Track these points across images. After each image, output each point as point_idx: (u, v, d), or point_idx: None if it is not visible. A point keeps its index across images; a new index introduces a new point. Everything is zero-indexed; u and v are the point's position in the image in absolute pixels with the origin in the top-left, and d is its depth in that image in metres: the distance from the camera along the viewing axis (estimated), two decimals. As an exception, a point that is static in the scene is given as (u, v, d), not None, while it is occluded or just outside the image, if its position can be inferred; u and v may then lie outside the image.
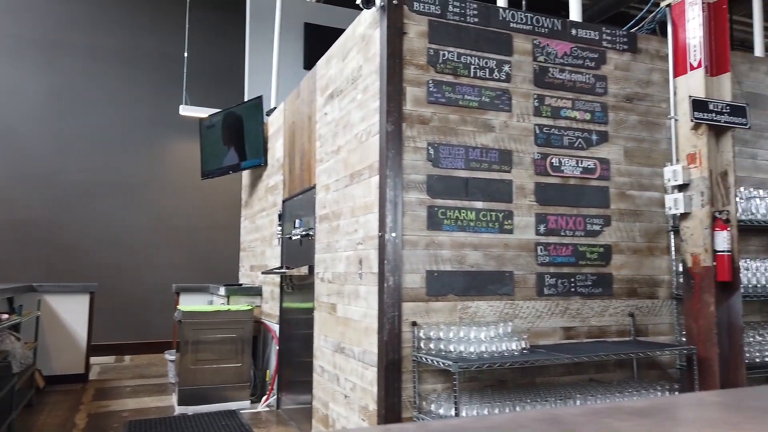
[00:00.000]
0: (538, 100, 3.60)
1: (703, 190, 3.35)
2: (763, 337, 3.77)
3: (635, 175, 3.81)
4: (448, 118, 3.39)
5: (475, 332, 3.05)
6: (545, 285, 3.51)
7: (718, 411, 0.47)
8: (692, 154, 3.41)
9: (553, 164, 3.60)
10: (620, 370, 3.62)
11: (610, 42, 3.80)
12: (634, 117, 3.84)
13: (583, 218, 3.64)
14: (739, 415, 0.46)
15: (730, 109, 3.37)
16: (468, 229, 3.37)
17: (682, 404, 0.48)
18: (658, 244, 3.82)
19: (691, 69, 3.43)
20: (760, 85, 4.24)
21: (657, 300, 3.77)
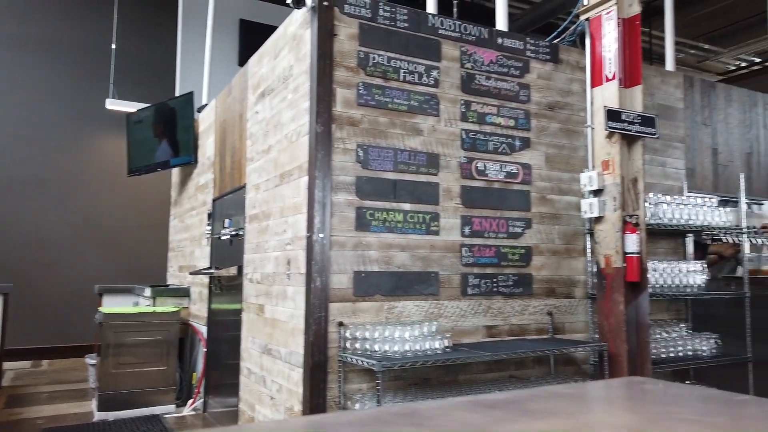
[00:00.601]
0: (465, 105, 3.71)
1: (616, 196, 3.56)
2: (669, 334, 4.04)
3: (555, 180, 3.99)
4: (378, 120, 3.44)
5: (399, 332, 3.11)
6: (469, 285, 3.62)
7: (563, 402, 0.52)
8: (606, 161, 3.61)
9: (479, 168, 3.72)
10: (539, 367, 3.78)
11: (534, 52, 3.96)
12: (555, 124, 4.02)
13: (506, 221, 3.78)
14: (580, 406, 0.51)
15: (641, 120, 3.59)
16: (396, 231, 3.43)
17: (534, 396, 0.52)
18: (575, 246, 4.01)
19: (606, 81, 3.63)
20: (670, 98, 4.54)
21: (573, 299, 3.96)
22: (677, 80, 4.61)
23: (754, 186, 4.92)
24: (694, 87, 4.70)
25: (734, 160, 4.82)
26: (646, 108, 4.35)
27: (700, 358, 3.99)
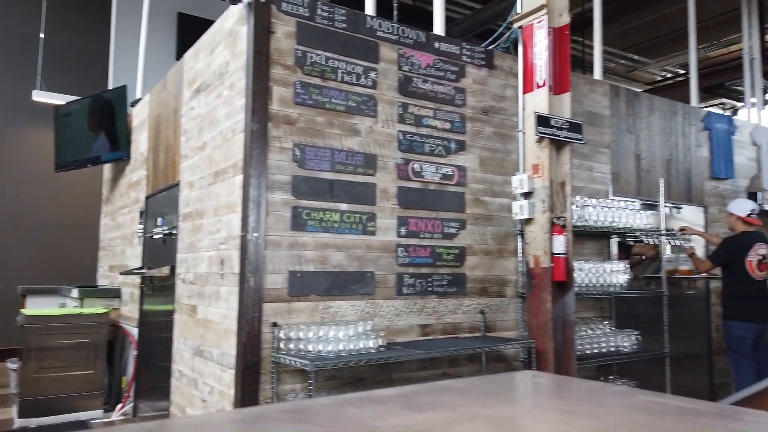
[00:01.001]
0: (402, 107, 3.76)
1: (545, 198, 3.70)
2: (594, 331, 4.23)
3: (489, 183, 4.10)
4: (315, 120, 3.43)
5: (334, 332, 3.12)
6: (404, 285, 3.67)
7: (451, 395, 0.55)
8: (537, 165, 3.75)
9: (415, 169, 3.78)
10: (471, 364, 3.87)
11: (470, 57, 4.07)
12: (489, 128, 4.14)
13: (441, 221, 3.85)
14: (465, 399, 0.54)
15: (569, 126, 3.75)
16: (332, 230, 3.43)
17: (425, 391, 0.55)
18: (507, 246, 4.14)
19: (537, 87, 3.77)
20: (597, 105, 4.76)
21: (505, 298, 4.09)
22: (604, 89, 4.84)
23: (674, 191, 5.22)
24: (619, 96, 4.94)
25: (655, 166, 5.10)
26: (575, 114, 4.54)
27: (622, 353, 4.21)
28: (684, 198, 5.30)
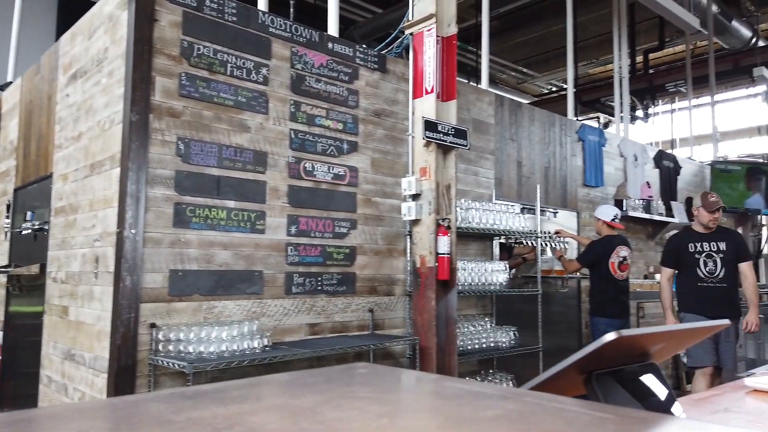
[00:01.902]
0: (295, 106, 3.75)
1: (431, 200, 3.85)
2: (475, 327, 4.46)
3: (380, 184, 4.19)
4: (202, 114, 3.33)
5: (217, 332, 3.04)
6: (294, 284, 3.66)
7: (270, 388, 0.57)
8: (424, 168, 3.89)
9: (307, 169, 3.78)
10: (359, 361, 3.94)
11: (363, 60, 4.13)
12: (381, 131, 4.23)
13: (332, 221, 3.88)
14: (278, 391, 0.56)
15: (454, 132, 3.93)
16: (218, 228, 3.35)
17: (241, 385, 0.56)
18: (397, 246, 4.26)
19: (426, 93, 3.91)
20: (483, 113, 5.02)
21: (393, 297, 4.20)
22: (490, 98, 5.12)
23: (551, 196, 5.63)
24: (504, 106, 5.25)
25: (535, 173, 5.47)
26: (463, 121, 4.77)
27: (500, 348, 4.47)
28: (560, 203, 5.73)
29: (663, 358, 0.81)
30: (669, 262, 4.38)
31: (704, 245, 4.23)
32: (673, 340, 0.73)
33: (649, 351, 0.74)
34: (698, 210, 4.29)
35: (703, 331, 0.81)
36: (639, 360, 0.74)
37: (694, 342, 0.76)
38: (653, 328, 0.66)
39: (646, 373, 0.73)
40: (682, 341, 0.82)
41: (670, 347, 0.80)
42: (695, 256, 4.25)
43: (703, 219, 4.25)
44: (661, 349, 0.76)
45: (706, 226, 4.25)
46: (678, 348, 0.86)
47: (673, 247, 4.39)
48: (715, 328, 0.79)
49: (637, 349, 0.69)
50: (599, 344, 0.58)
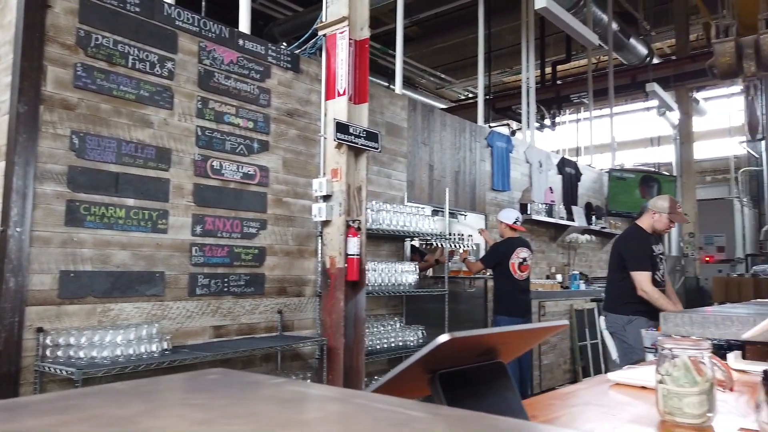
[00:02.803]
0: (202, 102, 3.65)
1: (342, 202, 3.87)
2: (385, 327, 4.53)
3: (291, 184, 4.17)
4: (100, 107, 3.17)
5: (111, 335, 2.91)
6: (198, 285, 3.56)
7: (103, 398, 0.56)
8: (335, 169, 3.91)
9: (214, 167, 3.69)
10: (266, 364, 3.89)
11: (276, 59, 4.09)
12: (293, 131, 4.20)
13: (240, 221, 3.81)
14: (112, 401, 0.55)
15: (366, 134, 3.97)
16: (116, 227, 3.20)
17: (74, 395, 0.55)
18: (308, 247, 4.25)
19: (338, 95, 3.93)
20: (396, 117, 5.12)
21: (304, 298, 4.19)
22: (403, 102, 5.22)
23: (460, 199, 5.82)
24: (416, 110, 5.37)
25: (446, 176, 5.64)
26: (377, 124, 4.84)
27: (408, 347, 4.57)
28: (469, 206, 5.94)
29: (512, 356, 0.87)
30: (648, 265, 3.79)
31: (657, 248, 3.94)
32: (516, 340, 0.79)
33: (496, 350, 0.80)
34: (659, 214, 3.84)
35: (543, 332, 0.88)
36: (486, 359, 0.79)
37: (538, 342, 0.82)
38: (485, 330, 0.71)
39: (491, 371, 0.79)
40: (526, 341, 0.89)
41: (518, 346, 0.86)
42: (656, 259, 3.90)
43: (661, 225, 3.85)
44: (509, 348, 0.82)
45: (658, 231, 3.90)
46: (525, 347, 0.92)
47: (647, 249, 3.85)
48: (556, 328, 0.86)
49: (480, 348, 0.74)
50: (434, 346, 0.62)
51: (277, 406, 0.51)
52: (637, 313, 3.77)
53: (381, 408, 0.51)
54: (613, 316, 3.94)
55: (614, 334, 3.95)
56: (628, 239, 4.02)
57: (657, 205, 3.80)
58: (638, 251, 3.83)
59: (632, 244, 3.91)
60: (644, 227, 3.91)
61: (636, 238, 3.94)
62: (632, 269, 3.78)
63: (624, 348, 3.84)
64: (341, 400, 0.54)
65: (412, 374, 0.68)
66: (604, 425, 1.14)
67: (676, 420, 1.14)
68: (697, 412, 1.13)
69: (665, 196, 3.93)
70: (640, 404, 1.31)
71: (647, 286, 3.70)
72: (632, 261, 3.81)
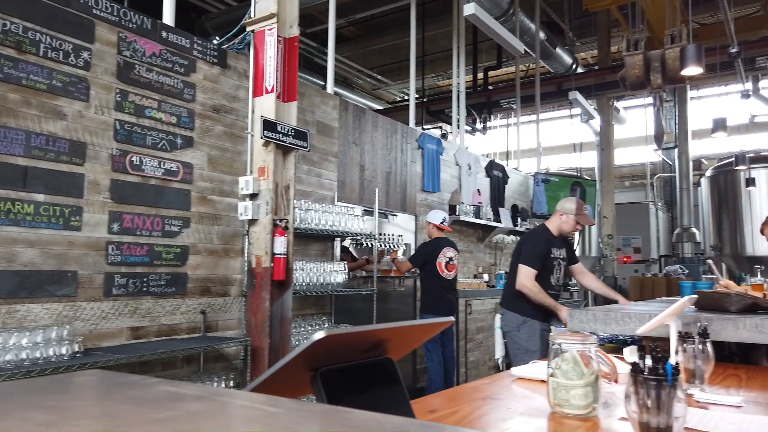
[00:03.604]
0: (121, 95, 3.51)
1: (269, 200, 3.83)
2: (312, 327, 4.51)
3: (217, 182, 4.08)
4: (7, 96, 2.98)
5: (16, 338, 2.74)
6: (114, 285, 3.42)
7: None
8: (263, 168, 3.86)
9: (134, 162, 3.56)
10: (188, 366, 3.79)
11: (201, 53, 3.99)
12: (220, 127, 4.11)
13: (161, 219, 3.69)
14: None
15: (294, 133, 3.95)
16: (24, 224, 3.02)
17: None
18: (234, 246, 4.17)
19: (266, 92, 3.88)
20: (327, 117, 5.11)
21: (229, 298, 4.11)
22: (335, 102, 5.22)
23: (391, 200, 5.89)
24: (348, 110, 5.39)
25: (377, 177, 5.69)
26: (307, 123, 4.82)
27: (336, 346, 4.57)
28: (399, 207, 6.01)
29: (402, 352, 0.90)
30: (537, 264, 3.76)
31: (559, 251, 3.92)
32: (400, 337, 0.82)
33: (383, 347, 0.82)
34: (566, 215, 3.83)
35: (429, 328, 0.91)
36: (373, 355, 0.81)
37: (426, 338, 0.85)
38: (365, 327, 0.73)
39: (378, 368, 0.81)
40: (412, 337, 0.92)
41: (405, 343, 0.89)
42: (553, 262, 3.88)
43: (568, 226, 3.83)
44: (396, 344, 0.85)
45: (565, 232, 3.89)
46: (414, 343, 0.95)
47: (545, 249, 3.83)
48: (442, 325, 0.89)
49: (364, 345, 0.76)
50: (309, 343, 0.64)
51: (135, 407, 0.50)
52: (531, 314, 3.79)
53: (242, 405, 0.52)
54: (511, 314, 3.91)
55: (508, 333, 3.94)
56: (531, 235, 4.07)
57: (564, 207, 3.85)
58: (535, 248, 3.81)
59: (533, 240, 3.93)
60: (551, 228, 3.90)
61: (538, 236, 3.94)
62: (521, 261, 3.78)
63: (514, 349, 3.85)
64: (206, 399, 0.54)
65: (293, 372, 0.69)
66: (498, 417, 1.20)
67: (564, 411, 1.22)
68: (582, 403, 1.21)
69: (572, 198, 3.95)
70: (538, 397, 1.38)
71: (529, 281, 3.69)
72: (525, 254, 3.80)
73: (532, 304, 3.78)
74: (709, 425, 1.15)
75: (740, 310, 2.23)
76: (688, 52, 4.23)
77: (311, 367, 0.72)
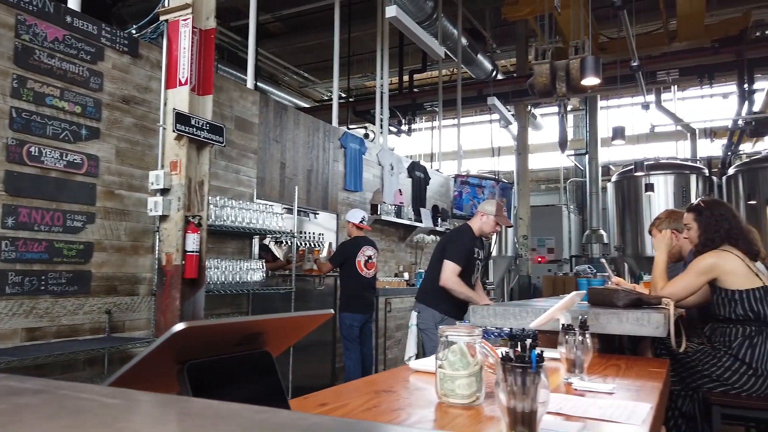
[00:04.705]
0: (19, 81, 3.29)
1: (180, 196, 3.71)
2: (227, 325, 4.42)
3: (126, 176, 3.91)
4: None
5: None
6: (8, 283, 3.20)
7: None
8: (175, 162, 3.73)
9: (32, 153, 3.34)
10: (91, 368, 3.61)
11: (111, 41, 3.81)
12: (130, 119, 3.94)
13: (63, 213, 3.50)
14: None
15: (209, 127, 3.85)
16: None
17: None
18: (144, 243, 4.01)
19: (179, 84, 3.76)
20: (247, 112, 5.02)
21: (137, 297, 3.95)
22: (255, 98, 5.14)
23: (313, 198, 5.86)
24: (269, 106, 5.32)
25: (298, 175, 5.65)
26: (225, 118, 4.71)
27: (252, 346, 4.49)
28: (321, 205, 6.00)
29: (282, 345, 0.91)
30: (462, 261, 3.82)
31: (479, 252, 4.03)
32: (274, 329, 0.83)
33: (260, 340, 0.83)
34: (487, 216, 3.93)
35: (307, 320, 0.93)
36: (249, 348, 0.82)
37: (307, 331, 0.86)
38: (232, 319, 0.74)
39: (252, 361, 0.82)
40: (289, 330, 0.93)
41: (284, 336, 0.90)
42: (475, 261, 3.99)
43: (488, 227, 3.94)
44: (274, 337, 0.86)
45: (485, 233, 3.98)
46: (293, 336, 0.97)
47: (470, 248, 3.93)
48: (322, 317, 0.92)
49: (235, 338, 0.77)
50: (168, 335, 0.64)
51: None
52: (447, 311, 3.86)
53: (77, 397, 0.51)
54: (430, 311, 3.95)
55: (425, 330, 4.00)
56: (456, 233, 4.16)
57: (485, 209, 4.02)
58: (461, 246, 3.89)
59: (459, 238, 4.01)
60: (473, 228, 3.99)
61: (464, 234, 4.00)
62: (447, 258, 3.83)
63: (431, 346, 3.88)
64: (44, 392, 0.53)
65: (159, 366, 0.69)
66: (387, 408, 1.23)
67: (450, 401, 1.27)
68: (466, 393, 1.27)
69: (492, 201, 4.12)
70: (430, 389, 1.43)
71: (453, 276, 3.76)
72: (450, 251, 3.85)
73: (450, 302, 3.85)
74: (579, 411, 1.24)
75: (626, 305, 2.41)
76: (587, 63, 4.54)
77: (180, 361, 0.72)
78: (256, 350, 0.83)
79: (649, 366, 1.89)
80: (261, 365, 0.83)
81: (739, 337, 2.47)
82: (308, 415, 0.47)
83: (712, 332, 2.60)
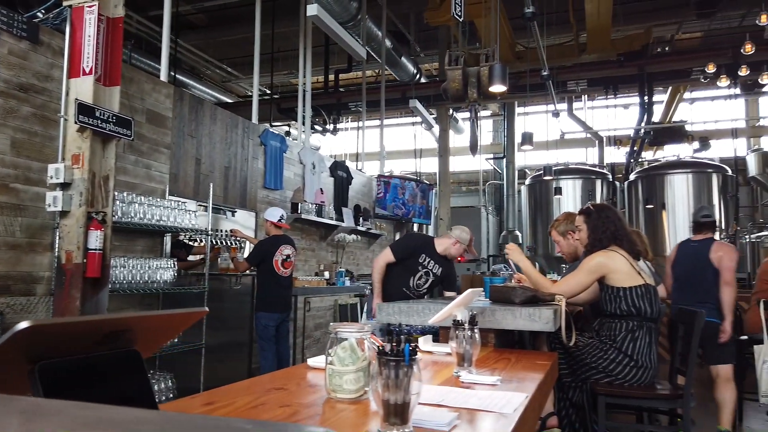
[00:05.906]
0: None
1: (83, 191, 3.53)
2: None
3: (23, 168, 3.68)
4: None
5: None
6: None
7: None
8: (77, 155, 3.55)
9: None
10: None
11: (7, 24, 3.57)
12: (28, 108, 3.71)
13: (-53, 208, 3.24)
14: None
15: (116, 120, 3.68)
16: None
17: None
18: (42, 240, 3.79)
19: (83, 74, 3.58)
20: (160, 106, 4.84)
21: (34, 297, 3.72)
22: (168, 91, 4.96)
23: (230, 196, 5.74)
24: (183, 100, 5.16)
25: (215, 171, 5.51)
26: (136, 111, 4.53)
27: (161, 347, 4.35)
28: (239, 203, 5.89)
29: (153, 344, 0.90)
30: (399, 254, 3.97)
31: (433, 265, 4.03)
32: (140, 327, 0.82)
33: (125, 338, 0.82)
34: (459, 245, 4.03)
35: (179, 318, 0.93)
36: (113, 348, 0.81)
37: (179, 330, 0.85)
38: (87, 317, 0.73)
39: (117, 361, 0.81)
40: (157, 329, 0.93)
41: (156, 334, 0.90)
42: (419, 267, 4.00)
43: (455, 252, 4.05)
44: (141, 336, 0.85)
45: (451, 255, 4.06)
46: (164, 335, 0.96)
47: (414, 250, 4.02)
48: (196, 315, 0.92)
49: (94, 336, 0.76)
50: (9, 335, 0.62)
51: None
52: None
53: None
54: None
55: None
56: (414, 234, 4.41)
57: (461, 237, 4.02)
58: (407, 242, 4.25)
59: (411, 236, 4.21)
60: (436, 244, 4.06)
61: (417, 238, 4.36)
62: (390, 245, 4.22)
63: None
64: None
65: (5, 368, 0.67)
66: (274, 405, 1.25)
67: (338, 396, 1.30)
68: (354, 388, 1.30)
69: (467, 230, 4.15)
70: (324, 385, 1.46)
71: (381, 260, 3.99)
72: (395, 242, 4.13)
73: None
74: (459, 402, 1.31)
75: (523, 301, 2.54)
76: (495, 71, 4.76)
77: (32, 361, 0.70)
78: (122, 349, 0.82)
79: (537, 359, 2.01)
80: (127, 365, 0.82)
81: (623, 332, 2.67)
82: (137, 411, 0.48)
83: (600, 327, 2.79)
